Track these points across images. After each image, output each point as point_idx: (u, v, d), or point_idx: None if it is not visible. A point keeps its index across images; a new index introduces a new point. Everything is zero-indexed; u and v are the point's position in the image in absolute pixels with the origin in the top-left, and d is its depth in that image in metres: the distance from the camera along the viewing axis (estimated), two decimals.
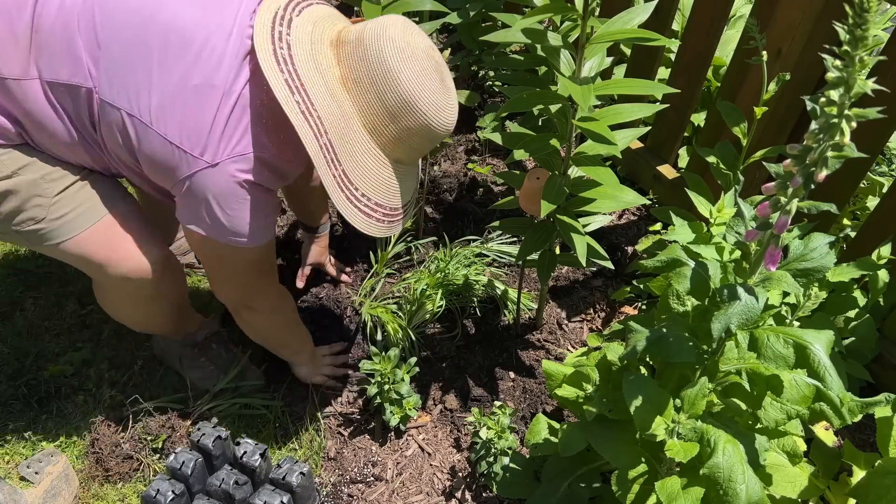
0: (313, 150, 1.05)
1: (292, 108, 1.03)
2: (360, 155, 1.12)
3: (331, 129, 1.07)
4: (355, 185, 1.12)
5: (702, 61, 1.75)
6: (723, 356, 1.00)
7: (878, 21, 0.65)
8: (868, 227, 1.50)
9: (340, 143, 1.08)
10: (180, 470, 1.32)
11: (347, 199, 1.12)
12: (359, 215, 1.14)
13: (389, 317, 1.67)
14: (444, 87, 1.13)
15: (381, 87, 1.08)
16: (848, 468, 1.32)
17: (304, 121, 1.04)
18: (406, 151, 1.16)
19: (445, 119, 1.14)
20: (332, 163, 1.08)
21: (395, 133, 1.12)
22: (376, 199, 1.16)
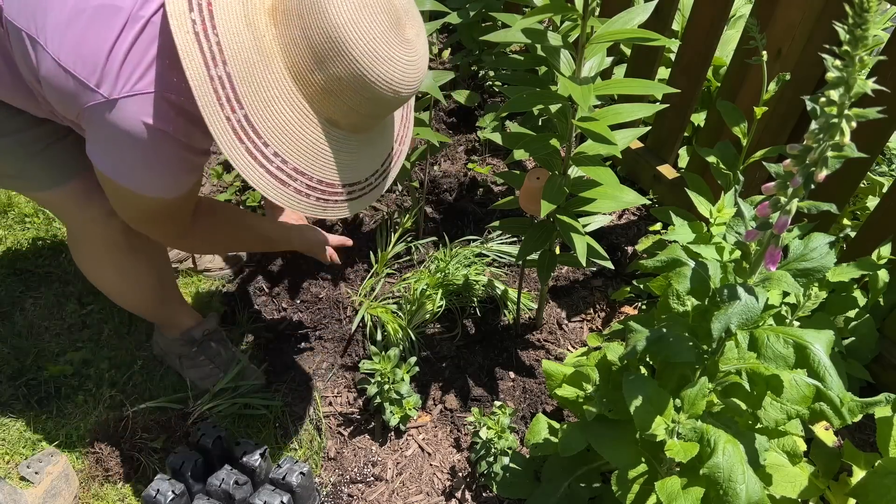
0: (196, 77, 0.86)
1: (182, 25, 0.86)
2: (277, 104, 0.92)
3: (233, 62, 0.88)
4: (263, 140, 0.92)
5: (702, 61, 1.75)
6: (723, 356, 1.00)
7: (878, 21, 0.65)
8: (868, 227, 1.50)
9: (247, 83, 0.89)
10: (180, 470, 1.32)
11: (248, 151, 0.92)
12: (266, 177, 0.94)
13: (389, 317, 1.67)
14: (399, 35, 0.92)
15: (307, 19, 0.89)
16: (848, 468, 1.32)
17: (194, 42, 0.86)
18: (340, 110, 0.95)
19: (388, 73, 0.91)
20: (227, 101, 0.89)
21: (321, 82, 0.91)
22: (296, 163, 0.95)
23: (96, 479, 1.46)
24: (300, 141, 0.95)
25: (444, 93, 2.05)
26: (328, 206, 1.02)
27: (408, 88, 0.95)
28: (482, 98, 2.36)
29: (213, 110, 0.88)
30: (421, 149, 1.75)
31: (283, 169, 0.94)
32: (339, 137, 0.98)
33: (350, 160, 1.02)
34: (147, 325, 1.73)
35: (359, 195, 1.07)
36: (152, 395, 1.60)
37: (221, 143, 0.90)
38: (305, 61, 0.91)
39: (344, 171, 1.02)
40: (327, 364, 1.69)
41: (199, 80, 0.87)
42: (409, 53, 0.93)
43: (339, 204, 1.04)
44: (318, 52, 0.89)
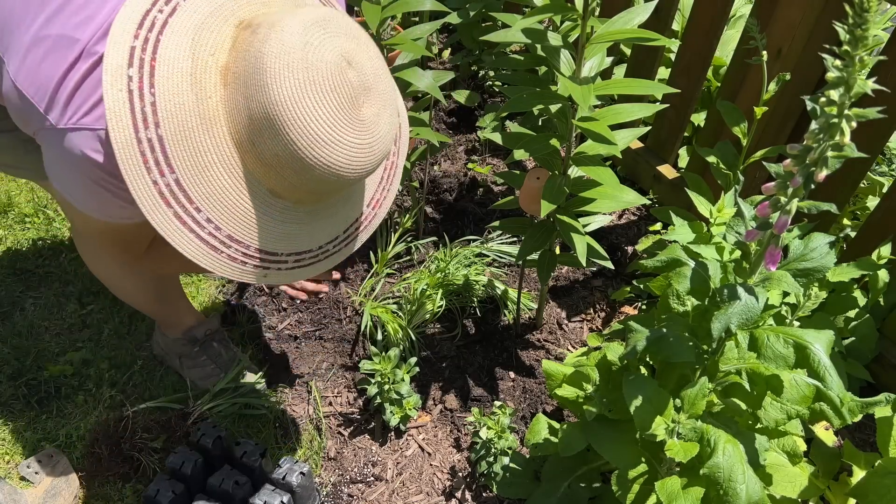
0: (120, 139, 0.81)
1: (115, 81, 0.81)
2: (215, 170, 0.86)
3: (167, 124, 0.83)
4: (195, 205, 0.86)
5: (702, 61, 1.75)
6: (723, 356, 1.00)
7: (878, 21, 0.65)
8: (868, 226, 1.50)
9: (182, 146, 0.84)
10: (180, 470, 1.32)
11: (176, 216, 0.86)
12: (195, 242, 0.88)
13: (389, 317, 1.67)
14: (351, 116, 0.84)
15: (251, 89, 0.83)
16: (848, 468, 1.32)
17: (125, 102, 0.81)
18: (282, 185, 0.88)
19: (331, 157, 0.84)
20: (156, 165, 0.83)
21: (261, 156, 0.85)
22: (230, 230, 0.89)
23: (96, 479, 1.46)
24: (237, 209, 0.89)
25: (444, 93, 2.05)
26: (270, 272, 0.95)
27: (356, 172, 0.88)
28: (482, 98, 2.36)
29: (137, 173, 0.83)
30: (421, 149, 1.75)
31: (215, 235, 0.89)
32: (283, 208, 0.92)
33: (298, 230, 0.95)
34: (147, 325, 1.73)
35: (310, 262, 1.00)
36: (152, 395, 1.60)
37: (143, 206, 0.84)
38: (246, 131, 0.85)
39: (290, 241, 0.95)
40: (327, 364, 1.69)
41: (124, 142, 0.82)
42: (362, 135, 0.86)
43: (284, 272, 0.97)
44: (256, 125, 0.83)
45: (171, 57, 0.84)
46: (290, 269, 0.98)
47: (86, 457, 1.49)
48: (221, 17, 0.88)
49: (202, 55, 0.85)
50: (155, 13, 0.85)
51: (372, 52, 0.89)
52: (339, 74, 0.83)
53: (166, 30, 0.85)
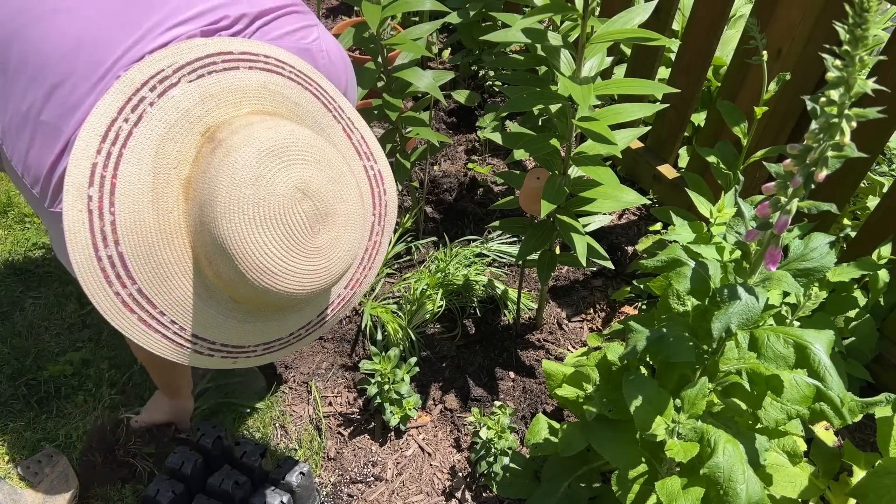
0: (79, 259, 0.83)
1: (76, 202, 0.82)
2: (176, 279, 0.88)
3: (127, 241, 0.84)
4: (159, 310, 0.88)
5: (702, 61, 1.75)
6: (723, 356, 1.00)
7: (878, 21, 0.65)
8: (868, 226, 1.50)
9: (142, 261, 0.85)
10: (180, 470, 1.32)
11: (141, 320, 0.88)
12: (162, 342, 0.90)
13: (389, 317, 1.67)
14: (302, 246, 0.85)
15: (204, 216, 0.84)
16: (848, 468, 1.32)
17: (85, 222, 0.83)
18: (242, 298, 0.90)
19: (282, 285, 0.85)
20: (117, 279, 0.85)
21: (216, 272, 0.87)
22: (195, 331, 0.91)
23: (96, 479, 1.46)
24: (201, 313, 0.90)
25: (444, 92, 2.05)
26: (238, 360, 0.97)
27: (311, 293, 0.88)
28: (482, 98, 2.37)
29: (97, 287, 0.84)
30: (421, 149, 1.75)
31: (181, 335, 0.91)
32: (246, 311, 0.93)
33: (264, 327, 0.96)
34: None
35: (280, 347, 1.01)
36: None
37: (106, 315, 0.86)
38: (203, 250, 0.86)
39: (257, 335, 0.96)
40: (327, 364, 1.69)
41: (83, 260, 0.83)
42: (316, 261, 0.86)
43: (254, 358, 0.99)
44: (211, 249, 0.84)
45: (133, 173, 0.84)
46: (259, 356, 0.99)
47: (85, 457, 1.49)
48: (187, 125, 0.87)
49: (165, 169, 0.86)
50: (120, 123, 0.85)
51: (335, 172, 0.88)
52: (291, 207, 0.83)
53: (130, 142, 0.85)
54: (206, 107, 0.88)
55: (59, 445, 1.51)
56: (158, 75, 0.87)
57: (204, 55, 0.90)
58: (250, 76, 0.91)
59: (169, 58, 0.88)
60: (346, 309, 1.07)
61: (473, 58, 2.30)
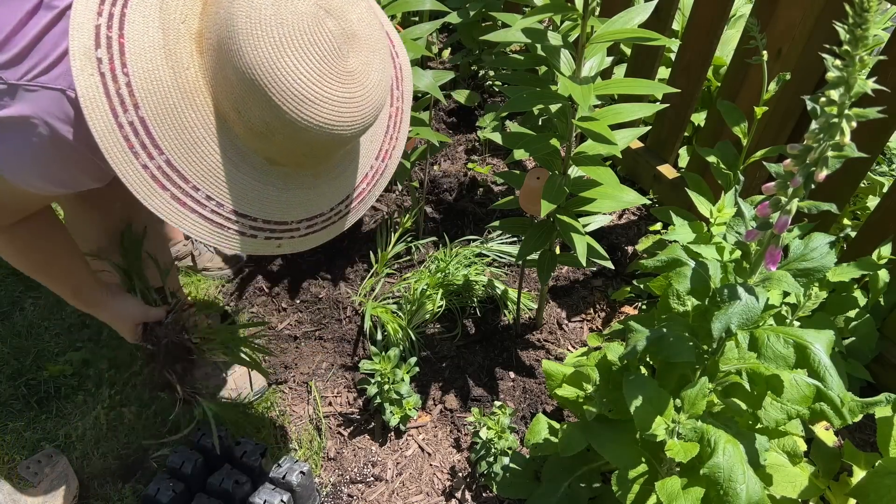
0: (100, 127, 0.77)
1: (85, 66, 0.76)
2: (205, 145, 0.81)
3: (147, 104, 0.78)
4: (192, 184, 0.82)
5: (702, 61, 1.75)
6: (723, 356, 1.00)
7: (878, 21, 0.65)
8: (868, 226, 1.50)
9: (166, 125, 0.79)
10: (180, 469, 1.32)
11: (174, 198, 0.81)
12: (200, 223, 0.84)
13: (389, 317, 1.67)
14: (336, 69, 0.78)
15: (225, 56, 0.77)
16: (848, 468, 1.32)
17: (98, 86, 0.76)
18: (277, 152, 0.83)
19: (320, 115, 0.78)
20: (143, 148, 0.79)
21: (249, 125, 0.80)
22: (234, 206, 0.84)
23: (96, 479, 1.46)
24: (236, 183, 0.84)
25: (444, 92, 2.05)
26: (283, 241, 0.90)
27: (350, 128, 0.81)
28: (482, 98, 2.37)
29: (124, 160, 0.78)
30: (421, 149, 1.75)
31: (218, 212, 0.84)
32: (284, 175, 0.87)
33: (304, 195, 0.90)
34: None
35: (323, 226, 0.95)
36: (152, 396, 1.60)
37: (139, 194, 0.80)
38: (230, 100, 0.79)
39: (298, 208, 0.90)
40: (327, 364, 1.69)
41: (104, 129, 0.77)
42: (351, 88, 0.79)
43: (298, 239, 0.92)
44: (238, 93, 0.78)
45: (140, 31, 0.78)
46: (303, 237, 0.92)
47: (85, 457, 1.49)
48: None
49: (173, 24, 0.80)
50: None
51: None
52: (317, 25, 0.77)
53: (130, 1, 0.79)
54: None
55: (59, 445, 1.51)
56: None
57: None
58: None
59: None
60: (380, 184, 1.00)
61: (473, 58, 2.30)
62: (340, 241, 1.96)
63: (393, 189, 2.11)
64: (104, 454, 1.50)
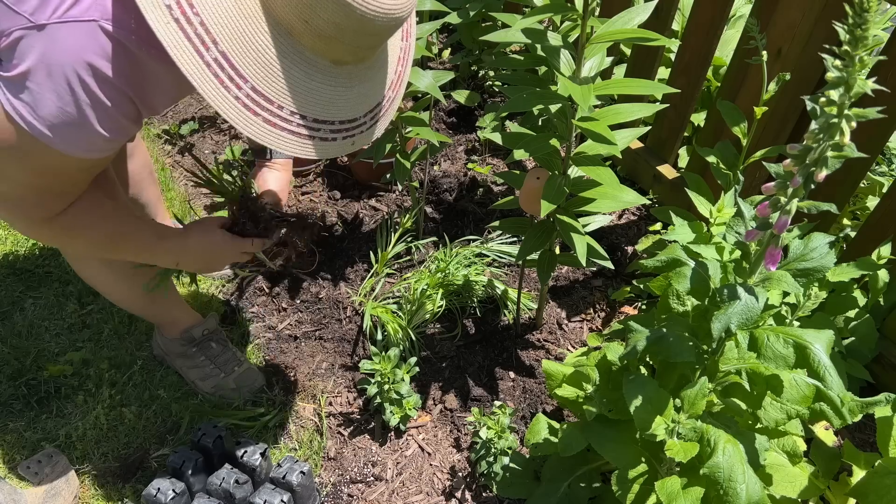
0: (195, 71, 0.81)
1: (160, 16, 0.78)
2: (281, 63, 0.86)
3: (222, 37, 0.81)
4: (277, 103, 0.87)
5: (702, 61, 1.75)
6: (723, 356, 1.00)
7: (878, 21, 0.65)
8: (868, 226, 1.50)
9: (244, 53, 0.83)
10: (180, 469, 1.32)
11: (266, 121, 0.87)
12: (290, 138, 0.90)
13: (389, 317, 1.67)
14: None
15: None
16: (848, 468, 1.32)
17: (178, 32, 0.79)
18: (343, 50, 0.87)
19: (384, 3, 0.82)
20: (231, 81, 0.83)
21: (315, 30, 0.84)
22: (315, 114, 0.90)
23: (96, 479, 1.46)
24: (312, 93, 0.89)
25: (444, 93, 2.05)
26: (356, 138, 0.98)
27: (405, 10, 0.87)
28: (482, 98, 2.36)
29: (220, 96, 0.83)
30: (421, 149, 1.75)
31: (304, 125, 0.90)
32: (348, 73, 0.92)
33: (367, 88, 0.97)
34: (147, 326, 1.73)
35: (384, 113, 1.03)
36: (152, 395, 1.60)
37: (238, 124, 0.85)
38: (296, 13, 0.82)
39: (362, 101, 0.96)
40: (327, 364, 1.69)
41: (197, 72, 0.81)
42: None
43: (366, 133, 1.00)
44: (305, 4, 0.81)
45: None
46: (369, 128, 1.00)
47: (86, 457, 1.50)
48: None
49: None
50: None
51: None
52: None
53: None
54: None
55: (59, 445, 1.51)
56: None
57: None
58: None
59: None
60: (409, 64, 1.08)
61: (473, 58, 2.30)
62: (340, 240, 1.96)
63: (393, 189, 2.11)
64: (104, 454, 1.50)
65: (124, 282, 1.37)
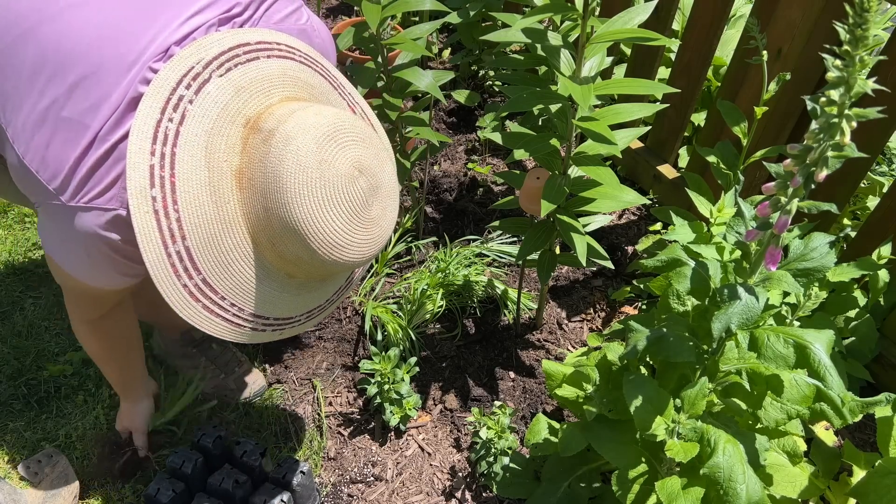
0: (152, 258, 0.88)
1: (141, 204, 0.87)
2: (238, 265, 0.94)
3: (192, 235, 0.90)
4: (220, 294, 0.94)
5: (702, 61, 1.75)
6: (723, 356, 1.00)
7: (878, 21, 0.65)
8: (868, 226, 1.50)
9: (206, 251, 0.91)
10: (180, 469, 1.32)
11: (205, 307, 0.94)
12: (222, 324, 0.97)
13: (389, 317, 1.67)
14: (361, 220, 0.93)
15: (270, 203, 0.89)
16: (848, 468, 1.32)
17: (152, 221, 0.88)
18: (299, 271, 0.97)
19: (346, 256, 0.93)
20: (185, 271, 0.91)
21: (279, 252, 0.93)
22: (253, 309, 0.98)
23: (96, 479, 1.46)
24: (258, 293, 0.97)
25: (444, 92, 2.05)
26: (285, 330, 1.05)
27: (366, 259, 0.97)
28: (482, 98, 2.36)
29: (168, 283, 0.90)
30: (421, 149, 1.75)
31: (239, 316, 0.97)
32: (298, 283, 1.00)
33: (309, 297, 1.04)
34: (147, 326, 1.73)
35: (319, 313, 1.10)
36: None
37: (175, 306, 0.92)
38: (265, 234, 0.92)
39: (304, 305, 1.04)
40: (327, 364, 1.69)
41: (156, 260, 0.89)
42: (371, 231, 0.95)
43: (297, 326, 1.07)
44: (277, 232, 0.90)
45: (189, 170, 0.89)
46: (302, 324, 1.07)
47: (86, 457, 1.49)
48: (229, 119, 0.92)
49: (217, 162, 0.91)
50: (166, 123, 0.89)
51: (376, 148, 0.95)
52: (352, 184, 0.91)
53: (179, 141, 0.89)
54: (242, 99, 0.93)
55: (59, 445, 1.51)
56: (191, 73, 0.91)
57: (227, 48, 0.95)
58: (270, 65, 0.97)
59: (196, 54, 0.92)
60: (366, 266, 1.16)
61: (473, 58, 2.30)
62: None
63: None
64: (105, 454, 1.49)
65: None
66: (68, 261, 1.02)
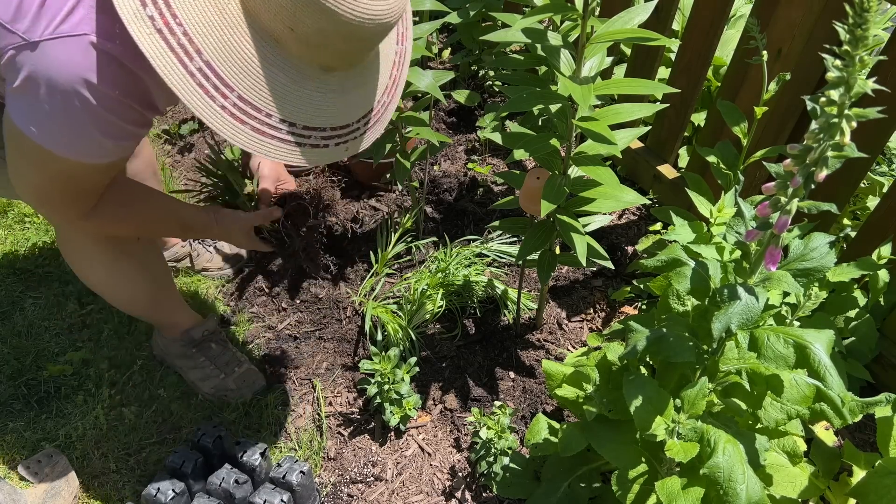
0: (177, 80, 0.81)
1: (142, 28, 0.78)
2: (266, 70, 0.85)
3: (206, 46, 0.81)
4: (265, 111, 0.86)
5: (702, 61, 1.75)
6: (723, 356, 1.00)
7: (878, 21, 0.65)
8: (868, 226, 1.50)
9: (229, 61, 0.83)
10: (180, 469, 1.32)
11: (255, 129, 0.86)
12: (281, 146, 0.89)
13: (389, 317, 1.67)
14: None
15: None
16: (848, 468, 1.32)
17: (160, 42, 0.79)
18: (330, 56, 0.87)
19: (370, 8, 0.82)
20: (216, 90, 0.83)
21: (301, 37, 0.83)
22: (305, 121, 0.90)
23: (96, 479, 1.46)
24: (301, 100, 0.89)
25: (444, 92, 2.05)
26: (349, 143, 0.98)
27: (392, 15, 0.86)
28: (482, 98, 2.36)
29: (204, 105, 0.83)
30: (421, 149, 1.75)
31: (293, 132, 0.90)
32: (339, 79, 0.92)
33: (357, 96, 0.96)
34: (147, 326, 1.73)
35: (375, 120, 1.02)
36: (152, 395, 1.60)
37: (225, 133, 0.85)
38: (281, 19, 0.82)
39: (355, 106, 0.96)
40: (327, 364, 1.69)
41: (180, 81, 0.81)
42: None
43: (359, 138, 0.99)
44: (289, 12, 0.81)
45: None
46: (363, 134, 0.99)
47: (86, 457, 1.49)
48: None
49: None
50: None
51: None
52: None
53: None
54: None
55: (59, 445, 1.51)
56: None
57: None
58: None
59: None
60: (405, 68, 1.08)
61: (473, 58, 2.29)
62: (340, 240, 1.96)
63: (393, 189, 2.11)
64: (104, 454, 1.50)
65: (127, 286, 1.38)
66: (44, 128, 0.89)
